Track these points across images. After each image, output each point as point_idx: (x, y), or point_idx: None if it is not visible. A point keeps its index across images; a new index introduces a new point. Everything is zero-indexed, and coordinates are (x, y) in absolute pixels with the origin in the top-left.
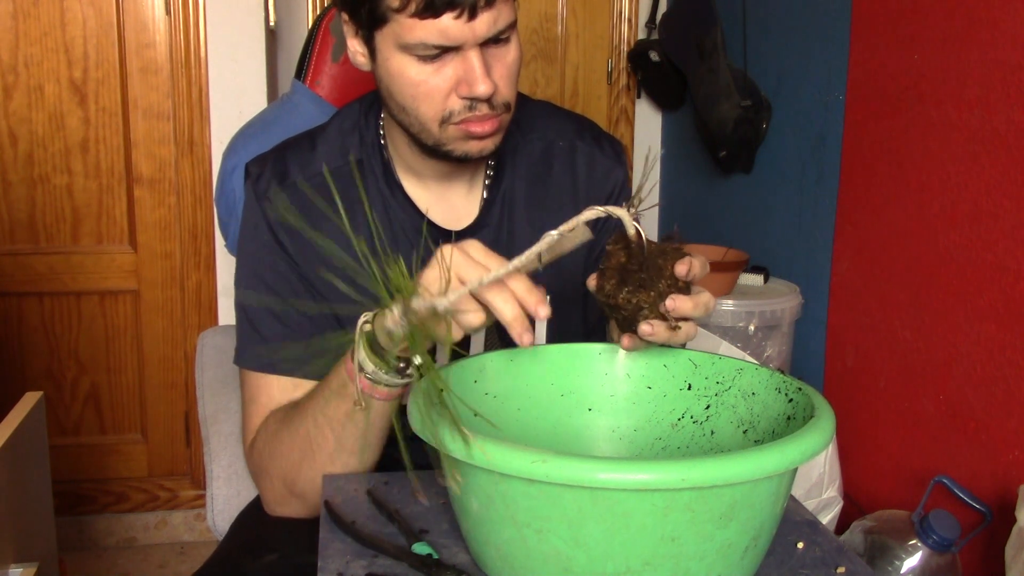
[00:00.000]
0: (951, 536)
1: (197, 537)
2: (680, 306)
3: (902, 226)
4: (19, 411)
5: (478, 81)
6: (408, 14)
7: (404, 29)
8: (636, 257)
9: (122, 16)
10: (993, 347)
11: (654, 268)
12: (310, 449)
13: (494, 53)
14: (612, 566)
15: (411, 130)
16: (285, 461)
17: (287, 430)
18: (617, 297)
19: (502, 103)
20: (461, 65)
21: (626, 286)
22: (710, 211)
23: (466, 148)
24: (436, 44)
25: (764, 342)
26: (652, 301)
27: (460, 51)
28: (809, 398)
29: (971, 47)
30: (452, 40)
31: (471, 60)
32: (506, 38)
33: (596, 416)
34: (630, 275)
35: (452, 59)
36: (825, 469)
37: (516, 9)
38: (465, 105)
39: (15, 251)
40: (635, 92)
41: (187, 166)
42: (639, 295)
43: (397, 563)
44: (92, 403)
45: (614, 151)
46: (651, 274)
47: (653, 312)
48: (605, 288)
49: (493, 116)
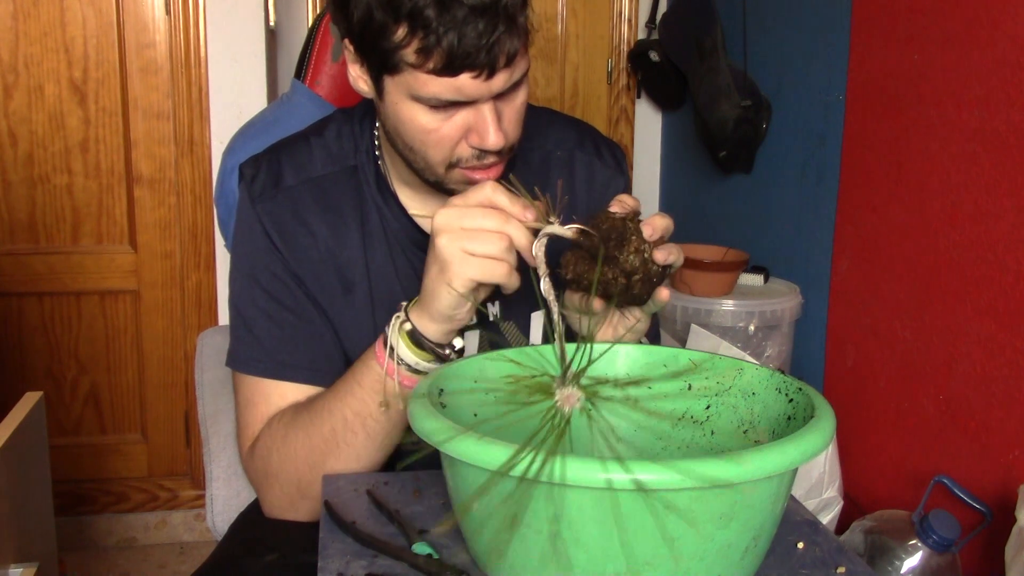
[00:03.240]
0: (951, 536)
1: (197, 537)
2: (667, 254)
3: (902, 226)
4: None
5: (489, 134)
6: (424, 70)
7: (418, 82)
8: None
9: (122, 16)
10: (993, 347)
11: (617, 238)
12: (335, 447)
13: (504, 99)
14: (612, 566)
15: (414, 166)
16: (301, 463)
17: (302, 432)
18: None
19: (508, 148)
20: (473, 116)
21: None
22: (710, 211)
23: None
24: (450, 99)
25: (764, 342)
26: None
27: (473, 103)
28: (809, 398)
29: (971, 47)
30: (467, 96)
31: (483, 113)
32: (517, 83)
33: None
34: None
35: (464, 109)
36: (825, 469)
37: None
38: (474, 154)
39: (15, 251)
40: (635, 92)
41: (187, 166)
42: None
43: (397, 563)
44: (92, 403)
45: (614, 159)
46: (622, 243)
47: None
48: (582, 282)
49: (498, 163)
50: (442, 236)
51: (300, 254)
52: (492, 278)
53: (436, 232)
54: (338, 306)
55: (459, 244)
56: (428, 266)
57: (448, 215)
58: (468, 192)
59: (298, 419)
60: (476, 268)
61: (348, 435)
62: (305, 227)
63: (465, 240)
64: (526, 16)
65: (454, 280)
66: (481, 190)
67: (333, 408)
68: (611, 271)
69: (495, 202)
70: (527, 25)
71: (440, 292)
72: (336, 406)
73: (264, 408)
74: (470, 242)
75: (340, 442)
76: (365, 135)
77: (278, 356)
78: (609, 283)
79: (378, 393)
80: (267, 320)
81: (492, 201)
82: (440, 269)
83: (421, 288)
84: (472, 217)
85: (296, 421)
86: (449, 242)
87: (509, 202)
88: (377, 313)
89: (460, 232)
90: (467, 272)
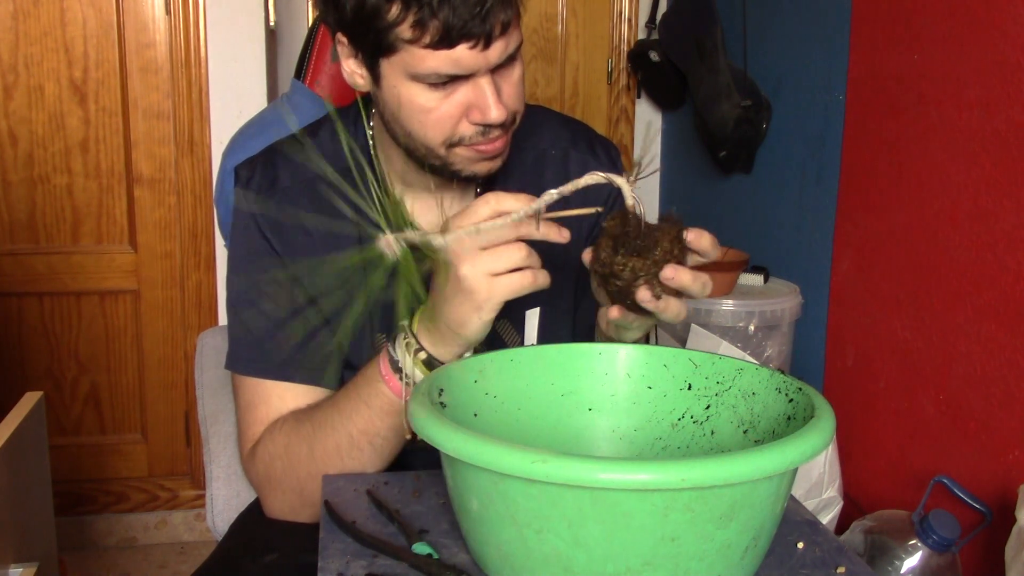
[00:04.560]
0: (951, 536)
1: (197, 537)
2: (679, 276)
3: (902, 226)
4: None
5: (491, 108)
6: (421, 45)
7: (415, 59)
8: (633, 227)
9: (122, 16)
10: (993, 347)
11: (650, 237)
12: (339, 461)
13: (501, 73)
14: (612, 566)
15: (416, 153)
16: (303, 473)
17: (305, 445)
18: (612, 264)
19: (511, 120)
20: (472, 91)
21: (621, 252)
22: (710, 211)
23: (474, 169)
24: (448, 73)
25: (764, 342)
26: (647, 268)
27: (471, 77)
28: (809, 398)
29: (971, 47)
30: (465, 69)
31: (483, 87)
32: (512, 56)
33: (596, 416)
34: (626, 242)
35: (462, 85)
36: (825, 469)
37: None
38: (477, 131)
39: (15, 251)
40: (635, 92)
41: (187, 166)
42: (634, 261)
43: (397, 563)
44: (92, 403)
45: (609, 157)
46: (647, 242)
47: (649, 278)
48: (600, 256)
49: (503, 135)
50: (464, 265)
51: (297, 255)
52: (523, 290)
53: (455, 260)
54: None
55: (482, 269)
56: (448, 296)
57: (460, 238)
58: (469, 209)
59: (301, 430)
60: (505, 288)
61: (354, 451)
62: (301, 228)
63: (487, 262)
64: None
65: (484, 307)
66: (484, 203)
67: (337, 424)
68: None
69: (501, 208)
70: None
71: (471, 322)
72: (341, 422)
73: (264, 410)
74: (493, 261)
75: (345, 457)
76: (359, 137)
77: (275, 357)
78: (610, 276)
79: (388, 415)
80: (265, 321)
81: (497, 208)
82: (466, 298)
83: (437, 314)
84: (486, 233)
85: (299, 431)
86: (471, 269)
87: (515, 201)
88: (373, 313)
89: (479, 255)
90: (497, 296)
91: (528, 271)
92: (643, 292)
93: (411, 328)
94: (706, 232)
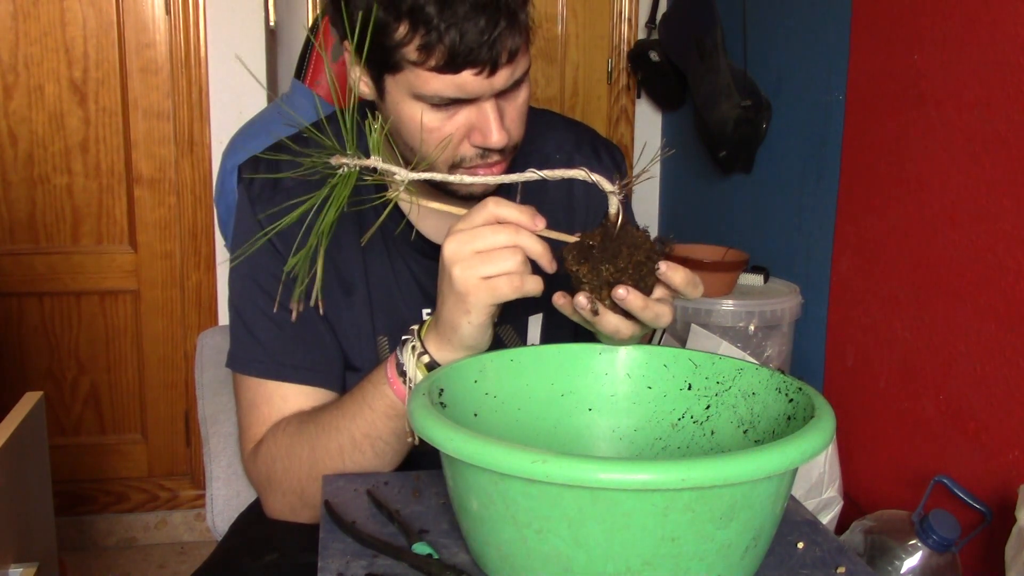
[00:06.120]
0: (951, 536)
1: (197, 537)
2: (629, 299)
3: (902, 226)
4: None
5: (492, 133)
6: (426, 68)
7: (420, 80)
8: (599, 235)
9: (122, 16)
10: (993, 347)
11: (611, 251)
12: (341, 463)
13: (507, 97)
14: (612, 566)
15: (418, 168)
16: (304, 475)
17: (307, 446)
18: (565, 263)
19: (512, 147)
20: (475, 114)
21: (573, 255)
22: (710, 211)
23: (471, 189)
24: (452, 97)
25: (764, 342)
26: (591, 278)
27: (475, 101)
28: (809, 398)
29: (971, 47)
30: (469, 94)
31: (486, 111)
32: (519, 81)
33: (596, 416)
34: (587, 250)
35: (466, 106)
36: (825, 469)
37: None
38: (477, 153)
39: (15, 251)
40: (635, 92)
41: (187, 166)
42: (583, 267)
43: (397, 563)
44: (92, 403)
45: (613, 161)
46: (605, 254)
47: (594, 288)
48: (566, 257)
49: (501, 161)
50: (456, 267)
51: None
52: (513, 294)
53: (449, 263)
54: (337, 307)
55: (474, 272)
56: (444, 297)
57: (457, 242)
58: (471, 213)
59: (303, 431)
60: (493, 292)
61: (356, 454)
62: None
63: (480, 265)
64: (527, 13)
65: (472, 311)
66: (484, 208)
67: (340, 426)
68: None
69: (501, 216)
70: (528, 22)
71: (460, 325)
72: (344, 424)
73: (266, 410)
74: (485, 265)
75: (347, 459)
76: (361, 141)
77: (278, 357)
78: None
79: (391, 419)
80: (267, 321)
81: (497, 216)
82: (457, 300)
83: (437, 318)
84: (482, 237)
85: (301, 433)
86: (463, 271)
87: (516, 212)
88: (375, 316)
89: (473, 257)
90: (484, 300)
91: (515, 276)
92: (581, 298)
93: (419, 333)
94: (682, 269)
